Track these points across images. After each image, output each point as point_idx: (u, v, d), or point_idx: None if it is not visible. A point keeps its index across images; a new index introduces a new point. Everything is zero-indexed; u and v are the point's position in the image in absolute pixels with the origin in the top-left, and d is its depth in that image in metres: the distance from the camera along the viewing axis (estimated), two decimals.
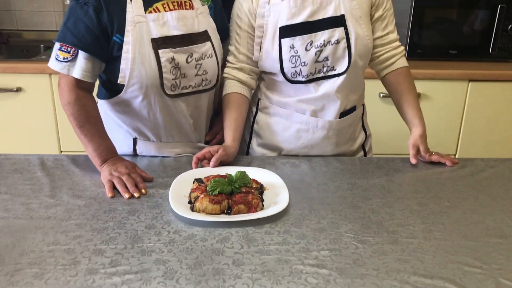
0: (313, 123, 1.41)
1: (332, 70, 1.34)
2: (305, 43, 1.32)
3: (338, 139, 1.44)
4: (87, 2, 1.23)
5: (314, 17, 1.32)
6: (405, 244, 1.00)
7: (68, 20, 1.25)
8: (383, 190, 1.23)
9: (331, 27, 1.31)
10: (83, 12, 1.24)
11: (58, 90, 1.30)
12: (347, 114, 1.43)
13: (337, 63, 1.33)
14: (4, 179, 1.24)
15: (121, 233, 1.02)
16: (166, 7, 1.31)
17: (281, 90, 1.42)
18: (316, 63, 1.33)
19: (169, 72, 1.29)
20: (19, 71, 2.17)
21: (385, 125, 1.95)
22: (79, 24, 1.24)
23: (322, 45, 1.31)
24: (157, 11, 1.30)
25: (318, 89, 1.37)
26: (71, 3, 1.27)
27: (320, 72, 1.34)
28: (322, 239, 1.01)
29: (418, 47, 2.38)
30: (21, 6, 2.70)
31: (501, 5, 2.29)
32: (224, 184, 1.12)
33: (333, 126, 1.41)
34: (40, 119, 2.24)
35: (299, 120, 1.41)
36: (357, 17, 1.31)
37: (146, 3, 1.28)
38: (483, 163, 1.40)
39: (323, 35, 1.31)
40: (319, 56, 1.32)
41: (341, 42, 1.31)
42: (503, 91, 2.28)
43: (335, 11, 1.31)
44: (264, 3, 1.35)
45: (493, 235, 1.04)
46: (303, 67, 1.33)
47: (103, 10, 1.24)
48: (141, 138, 1.42)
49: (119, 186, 1.18)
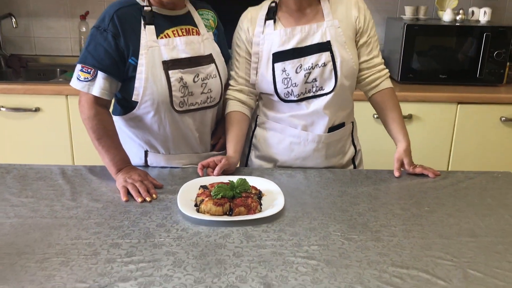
0: (304, 137, 1.55)
1: (320, 89, 1.49)
2: (295, 66, 1.47)
3: (327, 152, 1.57)
4: (106, 29, 1.40)
5: (303, 44, 1.47)
6: (386, 241, 1.13)
7: (89, 45, 1.42)
8: (370, 197, 1.36)
9: (318, 51, 1.46)
10: (102, 38, 1.40)
11: (79, 106, 1.45)
12: (336, 129, 1.57)
13: (325, 84, 1.48)
14: (29, 185, 1.38)
15: (135, 230, 1.15)
16: (175, 33, 1.47)
17: (276, 107, 1.56)
18: (306, 83, 1.48)
19: (178, 90, 1.45)
20: (38, 92, 2.34)
21: (378, 142, 2.08)
22: (99, 48, 1.40)
23: (311, 68, 1.47)
24: (168, 36, 1.46)
25: (309, 107, 1.51)
26: (92, 29, 1.43)
27: (310, 92, 1.49)
28: (312, 236, 1.14)
29: (410, 71, 2.54)
30: (39, 33, 2.90)
31: (487, 33, 2.46)
32: (226, 189, 1.26)
33: (322, 139, 1.55)
34: (56, 136, 2.39)
35: (291, 133, 1.56)
36: (342, 42, 1.47)
37: (158, 30, 1.45)
38: (463, 175, 1.53)
39: (311, 59, 1.46)
40: (308, 77, 1.47)
41: (327, 65, 1.46)
42: (490, 113, 2.41)
43: (322, 37, 1.47)
44: (259, 33, 1.51)
45: (465, 235, 1.16)
46: (294, 88, 1.48)
47: (120, 36, 1.40)
48: (151, 151, 1.57)
49: (133, 191, 1.32)
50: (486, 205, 1.32)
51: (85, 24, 2.73)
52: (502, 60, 2.50)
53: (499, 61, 2.50)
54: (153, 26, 1.44)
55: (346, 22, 1.49)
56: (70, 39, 2.90)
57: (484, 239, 1.14)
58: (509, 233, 1.18)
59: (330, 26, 1.47)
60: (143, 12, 1.44)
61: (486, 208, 1.31)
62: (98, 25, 1.42)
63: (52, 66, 2.85)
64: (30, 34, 2.90)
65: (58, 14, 2.87)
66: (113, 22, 1.40)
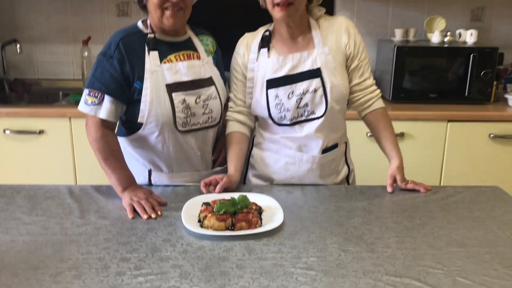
0: (298, 157, 1.62)
1: (312, 114, 1.56)
2: (287, 92, 1.55)
3: (321, 172, 1.64)
4: (112, 56, 1.48)
5: (294, 71, 1.55)
6: (380, 252, 1.19)
7: (96, 71, 1.50)
8: (364, 211, 1.43)
9: (309, 78, 1.54)
10: (109, 64, 1.48)
11: (86, 129, 1.52)
12: (329, 150, 1.64)
13: (316, 108, 1.56)
14: (39, 204, 1.45)
15: (143, 245, 1.21)
16: (178, 58, 1.56)
17: (271, 129, 1.64)
18: (298, 109, 1.56)
19: (181, 111, 1.53)
20: (42, 115, 2.42)
21: (371, 160, 2.16)
22: (105, 74, 1.48)
23: (302, 94, 1.54)
24: (171, 61, 1.54)
25: (302, 130, 1.59)
26: (98, 56, 1.52)
27: (302, 116, 1.57)
28: (311, 249, 1.20)
29: (401, 91, 2.64)
30: (42, 58, 2.99)
31: (473, 54, 2.57)
32: (228, 205, 1.32)
33: (316, 160, 1.62)
34: (60, 158, 2.46)
35: (286, 154, 1.63)
36: (332, 68, 1.55)
37: (161, 55, 1.53)
38: (453, 190, 1.60)
39: (302, 85, 1.54)
40: (300, 103, 1.55)
41: (318, 91, 1.54)
42: (479, 130, 2.50)
43: (312, 64, 1.54)
44: (253, 60, 1.60)
45: (455, 245, 1.23)
46: (287, 113, 1.56)
47: (126, 62, 1.49)
48: (155, 170, 1.64)
49: (139, 208, 1.39)
50: (474, 217, 1.40)
51: (87, 49, 2.83)
52: (489, 79, 2.60)
53: (486, 80, 2.60)
54: (156, 52, 1.52)
55: (336, 48, 1.56)
56: (72, 63, 2.99)
57: (472, 249, 1.21)
58: (496, 243, 1.24)
59: (320, 54, 1.55)
60: (146, 39, 1.52)
61: (474, 220, 1.38)
62: (105, 52, 1.50)
63: (54, 90, 2.93)
64: (33, 59, 2.99)
65: (60, 40, 2.97)
66: (119, 49, 1.48)
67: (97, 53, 1.52)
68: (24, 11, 2.93)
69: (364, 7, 2.96)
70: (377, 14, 2.97)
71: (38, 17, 2.94)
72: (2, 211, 1.40)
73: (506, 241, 1.26)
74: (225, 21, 2.84)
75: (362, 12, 2.97)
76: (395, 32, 2.80)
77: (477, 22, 2.99)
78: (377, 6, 2.96)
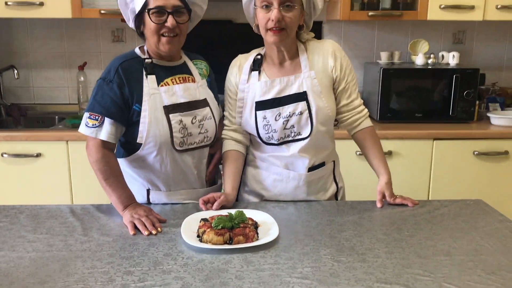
0: (285, 175, 1.70)
1: (298, 135, 1.64)
2: (274, 114, 1.63)
3: (308, 189, 1.71)
4: (112, 80, 1.56)
5: (282, 94, 1.63)
6: (371, 262, 1.26)
7: (96, 94, 1.57)
8: (355, 224, 1.50)
9: (295, 101, 1.62)
10: (109, 88, 1.56)
11: (86, 150, 1.58)
12: (316, 169, 1.71)
13: (302, 129, 1.64)
14: (42, 223, 1.50)
15: (145, 259, 1.27)
16: (174, 81, 1.64)
17: (261, 147, 1.71)
18: (285, 130, 1.64)
19: (178, 131, 1.60)
20: (39, 139, 2.47)
21: (361, 177, 2.24)
22: (105, 97, 1.55)
23: (288, 116, 1.62)
24: (167, 84, 1.63)
25: (289, 149, 1.66)
26: (98, 81, 1.59)
27: (289, 137, 1.65)
28: (305, 260, 1.27)
29: (388, 111, 2.74)
30: (38, 83, 3.06)
31: (456, 75, 2.69)
32: (226, 220, 1.39)
33: (302, 178, 1.69)
34: (57, 180, 2.51)
35: (275, 171, 1.70)
36: (318, 92, 1.63)
37: (158, 79, 1.61)
38: (439, 203, 1.68)
39: (288, 108, 1.62)
40: (287, 124, 1.63)
41: (304, 113, 1.62)
42: (464, 148, 2.60)
43: (299, 88, 1.63)
44: (244, 81, 1.68)
45: (441, 254, 1.31)
46: (274, 133, 1.64)
47: (125, 86, 1.56)
48: (153, 189, 1.69)
49: (140, 225, 1.45)
50: (459, 228, 1.47)
51: (83, 74, 2.90)
52: (471, 99, 2.71)
53: (469, 100, 2.72)
54: (154, 76, 1.61)
55: (322, 72, 1.65)
56: (67, 88, 3.06)
57: (457, 257, 1.29)
58: (479, 252, 1.32)
59: (306, 78, 1.63)
60: (144, 64, 1.61)
61: (459, 231, 1.45)
62: (105, 77, 1.58)
63: (50, 114, 2.99)
64: (29, 84, 3.06)
65: (56, 66, 3.04)
66: (118, 74, 1.56)
67: (93, 78, 1.61)
68: (21, 38, 3.01)
69: (350, 31, 3.09)
70: (363, 38, 3.10)
71: (35, 43, 3.01)
72: (8, 230, 1.45)
73: (488, 249, 1.33)
74: (219, 46, 2.95)
75: (349, 36, 3.10)
76: (380, 55, 2.92)
77: (459, 45, 3.13)
78: (363, 30, 3.10)
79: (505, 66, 3.19)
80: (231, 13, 2.99)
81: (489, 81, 3.05)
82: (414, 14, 2.73)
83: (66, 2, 2.57)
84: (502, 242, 1.38)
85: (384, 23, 3.08)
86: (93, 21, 2.95)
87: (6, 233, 1.43)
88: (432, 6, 2.69)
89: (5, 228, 1.46)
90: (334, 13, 2.82)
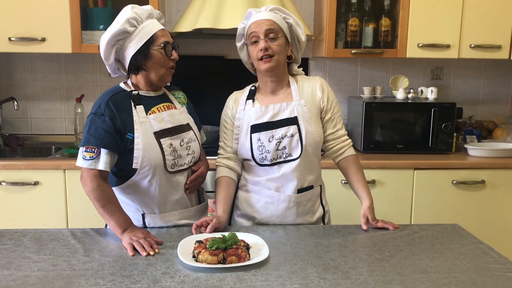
0: (276, 197, 1.82)
1: (289, 156, 1.78)
2: (268, 136, 1.78)
3: (298, 210, 1.83)
4: (103, 113, 1.67)
5: (275, 118, 1.79)
6: (354, 279, 1.37)
7: (90, 128, 1.67)
8: (340, 246, 1.61)
9: (287, 125, 1.78)
10: (101, 121, 1.67)
11: (81, 181, 1.66)
12: (305, 191, 1.83)
13: (293, 151, 1.78)
14: (45, 245, 1.58)
15: (144, 277, 1.36)
16: (160, 109, 1.78)
17: (254, 171, 1.85)
18: (277, 151, 1.78)
19: (169, 154, 1.72)
20: (37, 167, 2.56)
21: (345, 204, 2.36)
22: (99, 130, 1.66)
23: (281, 138, 1.77)
24: (154, 112, 1.76)
25: (280, 170, 1.80)
26: (90, 116, 1.69)
27: (281, 158, 1.79)
28: (294, 277, 1.37)
29: (371, 142, 2.89)
30: (36, 115, 3.17)
31: (434, 108, 2.86)
32: (219, 242, 1.49)
33: (292, 199, 1.82)
34: (53, 207, 2.58)
35: (266, 194, 1.83)
36: (307, 118, 1.79)
37: (146, 108, 1.74)
38: (418, 227, 1.80)
39: (281, 130, 1.78)
40: (279, 145, 1.78)
41: (295, 136, 1.77)
42: (443, 177, 2.74)
43: (290, 113, 1.79)
44: (241, 110, 1.84)
45: (419, 272, 1.42)
46: (267, 154, 1.78)
47: (116, 118, 1.68)
48: (148, 212, 1.79)
49: (138, 247, 1.54)
50: (436, 249, 1.59)
51: (80, 106, 3.02)
52: (449, 131, 2.88)
53: (447, 132, 2.88)
54: (142, 106, 1.73)
55: (311, 101, 1.82)
56: (64, 119, 3.17)
57: (434, 275, 1.40)
58: (453, 270, 1.43)
59: (297, 105, 1.79)
60: (132, 96, 1.74)
61: (436, 252, 1.57)
62: (96, 111, 1.69)
63: (47, 144, 3.08)
64: (27, 115, 3.16)
65: (54, 98, 3.16)
66: (109, 107, 1.68)
67: (90, 110, 1.71)
68: (21, 71, 3.13)
69: (335, 67, 3.28)
70: (346, 73, 3.29)
71: (34, 76, 3.14)
72: (12, 251, 1.53)
73: (462, 268, 1.45)
74: (212, 80, 3.11)
75: (334, 72, 3.28)
76: (363, 89, 3.09)
77: (437, 80, 3.32)
78: (347, 67, 3.28)
79: (480, 101, 3.38)
80: (224, 49, 3.16)
81: (466, 115, 3.23)
82: (394, 52, 2.91)
83: (67, 38, 2.71)
84: (474, 261, 1.50)
85: (366, 60, 3.27)
86: (90, 56, 3.09)
87: (11, 254, 1.51)
88: (410, 45, 2.88)
89: (10, 250, 1.54)
90: (320, 50, 3.01)
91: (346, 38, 2.98)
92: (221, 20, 2.59)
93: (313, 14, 3.19)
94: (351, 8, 2.96)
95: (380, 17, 2.96)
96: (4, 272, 1.38)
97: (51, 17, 2.69)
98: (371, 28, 2.95)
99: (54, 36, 2.71)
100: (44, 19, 2.69)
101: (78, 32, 2.71)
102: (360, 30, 2.96)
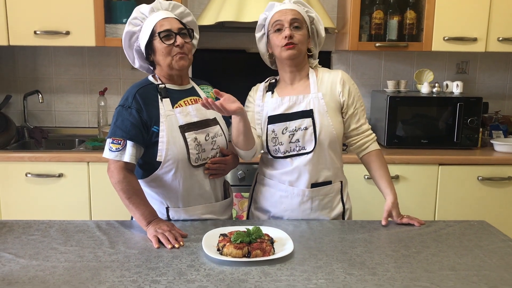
0: (290, 191, 1.81)
1: (303, 149, 1.77)
2: (281, 128, 1.77)
3: (312, 205, 1.81)
4: (130, 106, 1.68)
5: (289, 110, 1.78)
6: (381, 275, 1.35)
7: (117, 120, 1.69)
8: (365, 242, 1.59)
9: (302, 117, 1.76)
10: (128, 113, 1.68)
11: (108, 172, 1.68)
12: (320, 186, 1.81)
13: (306, 144, 1.76)
14: (72, 237, 1.60)
15: (170, 270, 1.36)
16: (186, 103, 1.77)
17: (270, 164, 1.84)
18: (290, 143, 1.77)
19: (193, 148, 1.72)
20: (62, 160, 2.59)
21: (368, 200, 2.34)
22: (126, 122, 1.67)
23: (294, 130, 1.76)
24: (181, 106, 1.76)
25: (292, 163, 1.79)
26: (117, 108, 1.71)
27: (294, 150, 1.78)
28: (319, 272, 1.36)
29: (395, 137, 2.85)
30: (60, 107, 3.21)
31: (460, 103, 2.80)
32: (244, 235, 1.48)
33: (306, 193, 1.80)
34: (77, 199, 2.62)
35: (281, 188, 1.82)
36: (323, 112, 1.76)
37: (172, 101, 1.74)
38: (444, 224, 1.77)
39: (295, 123, 1.76)
40: (292, 138, 1.77)
41: (309, 129, 1.75)
42: (468, 173, 2.69)
43: (306, 106, 1.77)
44: (259, 100, 1.85)
45: (447, 269, 1.39)
46: (280, 146, 1.78)
47: (143, 110, 1.69)
48: (172, 206, 1.80)
49: (163, 239, 1.54)
50: (463, 246, 1.56)
51: (103, 99, 3.05)
52: (475, 126, 2.82)
53: (473, 127, 2.83)
54: (168, 99, 1.74)
55: (330, 94, 1.79)
56: (87, 112, 3.21)
57: (462, 272, 1.37)
58: (483, 267, 1.40)
59: (314, 98, 1.78)
60: (158, 89, 1.74)
61: (464, 249, 1.54)
62: (123, 103, 1.71)
63: (70, 137, 3.13)
64: (51, 108, 3.21)
65: (77, 91, 3.19)
66: (136, 100, 1.69)
67: (113, 103, 1.74)
68: (46, 65, 3.18)
69: (358, 61, 3.24)
70: (370, 67, 3.24)
71: (58, 69, 3.18)
72: (40, 242, 1.55)
73: (491, 265, 1.42)
74: (233, 74, 3.11)
75: (357, 65, 3.24)
76: (387, 83, 3.05)
77: (463, 74, 3.26)
78: (370, 60, 3.24)
79: (507, 95, 3.31)
80: (245, 42, 3.15)
81: (492, 110, 3.17)
82: (419, 45, 2.86)
83: (91, 32, 2.73)
84: (504, 259, 1.46)
85: (391, 53, 3.22)
86: (113, 49, 3.12)
87: (39, 245, 1.53)
88: (436, 38, 2.83)
89: (37, 241, 1.56)
90: (343, 44, 2.97)
91: (370, 31, 2.95)
92: (244, 13, 2.58)
93: (337, 6, 3.15)
94: (376, 1, 2.91)
95: (405, 10, 2.91)
96: (32, 262, 1.41)
97: (75, 11, 2.72)
98: (395, 20, 2.90)
99: (78, 30, 2.73)
100: (68, 13, 2.72)
101: (102, 26, 2.73)
102: (384, 22, 2.92)
